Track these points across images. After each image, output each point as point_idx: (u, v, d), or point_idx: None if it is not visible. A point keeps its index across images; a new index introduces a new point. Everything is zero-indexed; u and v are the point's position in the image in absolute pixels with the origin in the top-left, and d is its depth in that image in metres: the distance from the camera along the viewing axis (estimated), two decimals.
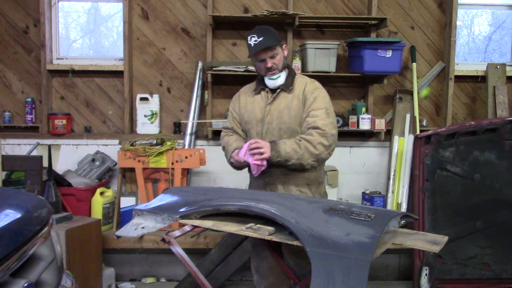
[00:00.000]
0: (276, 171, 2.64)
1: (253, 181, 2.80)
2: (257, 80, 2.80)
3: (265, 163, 2.54)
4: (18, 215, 1.70)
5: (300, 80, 2.73)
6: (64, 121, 4.11)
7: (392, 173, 4.10)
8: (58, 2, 4.24)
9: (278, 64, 2.64)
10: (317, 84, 2.73)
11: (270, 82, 2.68)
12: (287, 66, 2.73)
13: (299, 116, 2.64)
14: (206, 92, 4.08)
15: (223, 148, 2.83)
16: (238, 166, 2.69)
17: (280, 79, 2.66)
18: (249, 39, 2.62)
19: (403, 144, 4.09)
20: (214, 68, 3.96)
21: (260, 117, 2.70)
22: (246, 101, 2.79)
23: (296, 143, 2.54)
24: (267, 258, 2.73)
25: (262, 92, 2.74)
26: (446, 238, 2.06)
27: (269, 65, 2.62)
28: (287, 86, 2.68)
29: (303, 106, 2.64)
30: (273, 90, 2.71)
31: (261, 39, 2.58)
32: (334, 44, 3.97)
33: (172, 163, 3.87)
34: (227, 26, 4.17)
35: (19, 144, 4.13)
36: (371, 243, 1.80)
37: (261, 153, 2.50)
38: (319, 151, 2.54)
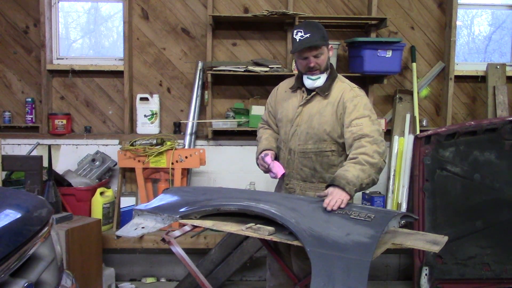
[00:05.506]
0: (296, 176, 2.59)
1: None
2: (296, 76, 2.65)
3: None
4: (18, 215, 1.70)
5: (339, 86, 2.55)
6: (64, 121, 4.11)
7: (392, 173, 4.10)
8: (58, 2, 4.24)
9: (321, 64, 2.49)
10: (357, 91, 2.53)
11: (308, 82, 2.53)
12: (329, 68, 2.57)
13: (329, 124, 2.49)
14: (206, 92, 4.08)
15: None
16: (264, 170, 2.63)
17: (319, 80, 2.51)
18: (294, 33, 2.46)
19: (403, 144, 4.09)
20: (214, 68, 3.95)
21: (290, 117, 2.58)
22: (283, 97, 2.67)
23: (355, 162, 2.30)
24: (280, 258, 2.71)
25: (298, 91, 2.61)
26: (446, 238, 2.06)
27: (311, 64, 2.47)
28: (323, 91, 2.52)
29: (338, 114, 2.48)
30: (309, 91, 2.56)
31: (307, 35, 2.42)
32: (334, 44, 3.96)
33: (172, 163, 3.87)
34: (227, 26, 4.17)
35: (19, 144, 4.12)
36: (371, 243, 1.80)
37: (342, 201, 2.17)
38: (377, 159, 2.32)
